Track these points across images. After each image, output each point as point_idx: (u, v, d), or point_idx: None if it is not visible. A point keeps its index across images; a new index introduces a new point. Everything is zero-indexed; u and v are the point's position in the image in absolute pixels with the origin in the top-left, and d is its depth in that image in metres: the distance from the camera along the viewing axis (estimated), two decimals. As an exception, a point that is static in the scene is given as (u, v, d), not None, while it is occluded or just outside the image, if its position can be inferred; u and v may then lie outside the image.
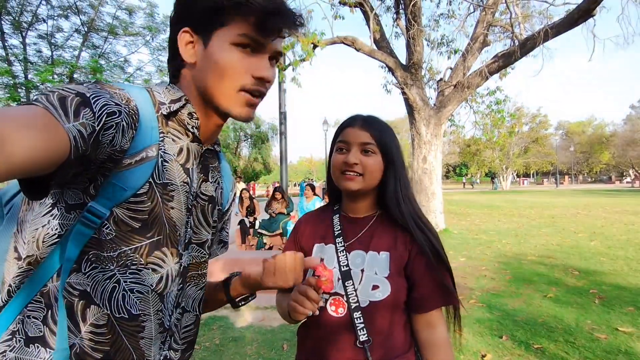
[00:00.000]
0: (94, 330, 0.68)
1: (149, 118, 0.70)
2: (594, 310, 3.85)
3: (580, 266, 5.66)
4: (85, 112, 0.55)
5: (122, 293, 0.69)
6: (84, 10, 12.74)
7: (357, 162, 1.03)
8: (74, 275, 0.67)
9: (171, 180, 0.73)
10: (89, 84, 0.62)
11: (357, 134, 1.06)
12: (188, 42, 0.74)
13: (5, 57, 11.54)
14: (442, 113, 9.32)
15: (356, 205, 1.12)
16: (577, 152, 55.49)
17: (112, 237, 0.67)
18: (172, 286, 0.77)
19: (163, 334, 0.78)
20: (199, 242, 0.84)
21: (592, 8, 6.72)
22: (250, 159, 30.97)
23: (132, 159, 0.67)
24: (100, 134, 0.58)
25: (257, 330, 3.63)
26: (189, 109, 0.76)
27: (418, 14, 8.68)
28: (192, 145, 0.78)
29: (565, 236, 8.49)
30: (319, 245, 1.12)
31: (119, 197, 0.66)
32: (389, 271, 1.01)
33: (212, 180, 0.85)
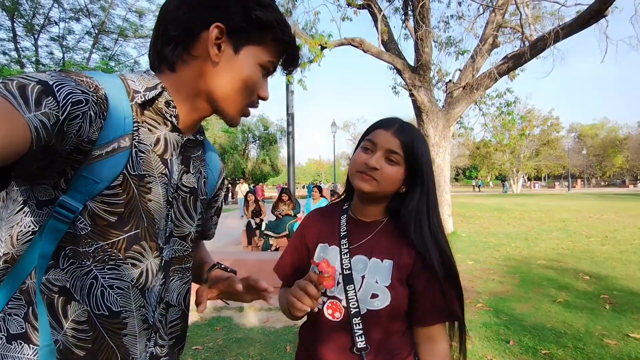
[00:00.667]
0: (75, 326, 0.67)
1: (120, 107, 0.67)
2: (604, 315, 3.76)
3: (591, 271, 5.54)
4: (48, 101, 0.53)
5: (100, 289, 0.68)
6: (94, 12, 12.95)
7: (377, 168, 0.97)
8: (52, 271, 0.65)
9: (148, 172, 0.71)
10: (52, 71, 0.59)
11: (387, 138, 0.99)
12: (217, 38, 0.72)
13: (18, 59, 11.75)
14: (451, 115, 9.23)
15: (366, 208, 1.07)
16: (590, 155, 54.65)
17: (88, 231, 0.65)
18: (154, 281, 0.75)
19: (147, 331, 0.76)
20: (181, 235, 0.82)
21: (604, 8, 6.61)
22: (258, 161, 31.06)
23: (103, 150, 0.64)
24: (65, 123, 0.56)
25: (260, 332, 3.61)
26: (166, 97, 0.74)
27: (427, 15, 8.62)
28: (171, 135, 0.76)
29: (576, 240, 8.34)
30: (322, 246, 1.09)
31: (91, 190, 0.64)
32: (391, 280, 0.97)
33: (193, 171, 0.83)
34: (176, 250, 0.81)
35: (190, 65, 0.74)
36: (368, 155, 1.00)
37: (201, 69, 0.74)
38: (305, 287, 0.88)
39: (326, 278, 0.88)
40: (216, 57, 0.72)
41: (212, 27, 0.70)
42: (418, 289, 0.98)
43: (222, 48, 0.73)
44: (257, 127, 30.24)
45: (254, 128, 30.18)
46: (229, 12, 0.71)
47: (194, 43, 0.72)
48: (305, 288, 0.88)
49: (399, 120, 1.04)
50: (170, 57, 0.74)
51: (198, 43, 0.72)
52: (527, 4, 8.73)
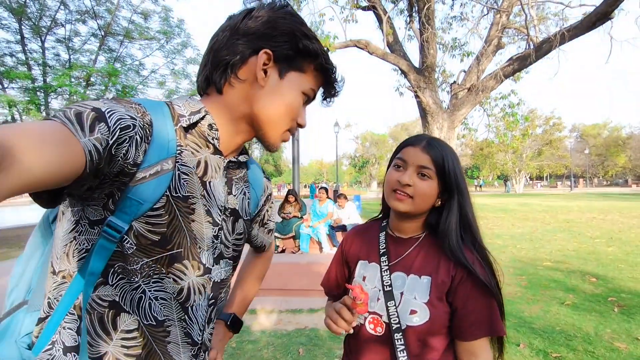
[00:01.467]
0: (125, 336, 0.71)
1: (165, 131, 0.70)
2: (613, 318, 3.78)
3: (598, 273, 5.56)
4: (101, 127, 0.57)
5: (148, 302, 0.72)
6: (100, 14, 13.00)
7: (410, 184, 1.00)
8: (102, 287, 0.69)
9: (192, 194, 0.74)
10: (105, 99, 0.64)
11: (417, 155, 1.03)
12: (265, 64, 0.76)
13: (25, 61, 11.81)
14: (456, 116, 9.25)
15: (403, 225, 1.10)
16: (593, 154, 54.48)
17: (134, 250, 0.69)
18: (198, 299, 0.78)
19: (192, 347, 0.79)
20: (230, 257, 0.86)
21: (610, 11, 6.62)
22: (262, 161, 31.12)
23: (147, 172, 0.67)
24: (114, 147, 0.59)
25: (272, 334, 3.65)
26: (209, 120, 0.77)
27: (431, 16, 8.64)
28: (212, 157, 0.79)
29: (581, 241, 8.35)
30: (362, 262, 1.12)
31: (136, 210, 0.67)
32: (429, 297, 0.98)
33: (235, 193, 0.86)
34: (226, 271, 0.85)
35: (237, 88, 0.78)
36: (400, 173, 1.03)
37: (247, 91, 0.78)
38: (340, 311, 0.94)
39: (359, 305, 0.92)
40: (263, 81, 0.76)
41: (261, 53, 0.75)
42: (459, 304, 0.99)
43: (268, 73, 0.77)
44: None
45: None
46: (277, 40, 0.76)
47: (243, 67, 0.76)
48: (340, 312, 0.94)
49: (426, 137, 1.07)
50: (219, 80, 0.78)
51: (246, 67, 0.76)
52: (532, 5, 8.74)
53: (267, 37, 0.76)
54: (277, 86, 0.77)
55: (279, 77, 0.77)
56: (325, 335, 3.55)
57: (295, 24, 0.77)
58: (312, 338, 3.54)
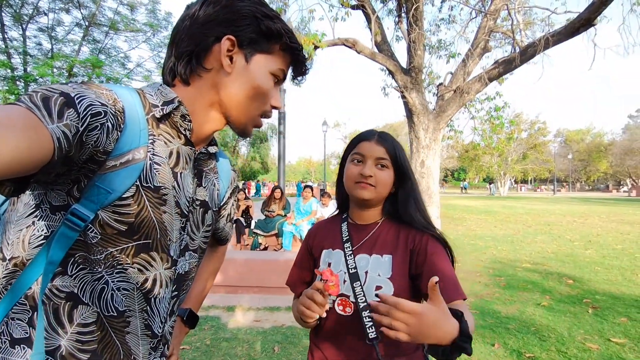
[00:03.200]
0: (81, 330, 0.68)
1: (136, 120, 0.68)
2: (586, 320, 3.84)
3: (574, 275, 5.66)
4: (70, 113, 0.54)
5: (110, 293, 0.69)
6: (85, 4, 12.69)
7: (372, 175, 1.10)
8: (59, 278, 0.66)
9: (163, 184, 0.72)
10: (74, 84, 0.60)
11: (373, 148, 1.13)
12: (229, 50, 0.74)
13: (5, 49, 11.47)
14: (442, 118, 9.31)
15: (363, 213, 1.18)
16: (576, 159, 55.63)
17: (98, 240, 0.66)
18: (163, 291, 0.76)
19: (152, 339, 0.77)
20: (194, 248, 0.84)
21: (593, 17, 6.73)
22: (249, 158, 30.90)
23: (117, 161, 0.65)
24: (84, 135, 0.57)
25: (248, 332, 3.61)
26: (182, 111, 0.75)
27: (420, 17, 8.68)
28: (183, 148, 0.77)
29: (560, 244, 8.51)
30: (326, 251, 1.19)
31: (103, 199, 0.65)
32: (392, 272, 1.06)
33: (205, 185, 0.85)
34: (190, 263, 0.83)
35: (204, 78, 0.77)
36: (360, 166, 1.13)
37: (215, 80, 0.77)
38: (312, 296, 0.97)
39: (331, 286, 0.95)
40: (229, 68, 0.75)
41: (224, 39, 0.74)
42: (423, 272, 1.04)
43: (234, 59, 0.76)
44: (247, 124, 30.10)
45: (244, 125, 30.03)
46: (239, 24, 0.74)
47: (207, 56, 0.75)
48: (312, 296, 0.97)
49: (376, 131, 1.19)
50: (184, 71, 0.76)
51: (211, 56, 0.75)
52: (519, 10, 8.84)
53: (228, 23, 0.74)
54: (244, 71, 0.76)
55: (245, 62, 0.76)
56: (302, 333, 3.52)
57: (255, 5, 0.76)
58: (289, 336, 3.51)
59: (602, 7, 6.43)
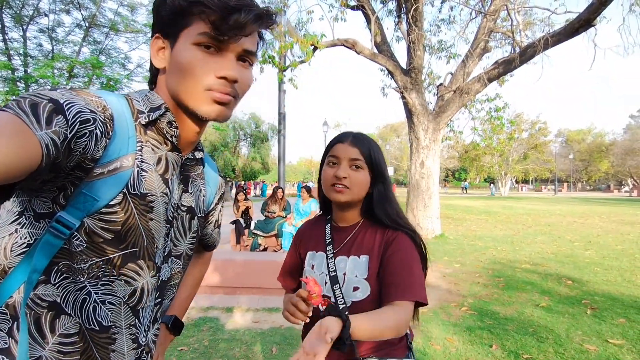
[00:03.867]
0: (63, 340, 0.66)
1: (125, 127, 0.68)
2: (585, 321, 3.84)
3: (574, 276, 5.65)
4: (59, 120, 0.54)
5: (92, 305, 0.67)
6: (85, 5, 12.71)
7: (346, 176, 1.12)
8: (42, 286, 0.65)
9: (150, 191, 0.71)
10: (63, 90, 0.60)
11: (347, 149, 1.14)
12: (160, 48, 0.73)
13: (6, 50, 11.50)
14: (441, 118, 9.31)
15: (344, 215, 1.21)
16: (577, 160, 55.54)
17: (83, 248, 0.65)
18: (148, 300, 0.75)
19: (137, 350, 0.75)
20: (177, 254, 0.83)
21: (593, 18, 6.73)
22: (249, 159, 30.92)
23: (105, 169, 0.64)
24: (73, 141, 0.56)
25: (247, 333, 3.61)
26: (169, 118, 0.74)
27: (419, 18, 8.68)
28: (170, 154, 0.76)
29: (560, 245, 8.49)
30: (311, 253, 1.22)
31: (90, 207, 0.64)
32: (368, 273, 1.09)
33: (192, 191, 0.84)
34: (172, 269, 0.82)
35: (159, 81, 0.77)
36: (335, 169, 1.14)
37: (163, 80, 0.75)
38: (297, 304, 1.00)
39: (314, 297, 0.98)
40: (161, 63, 0.73)
41: (152, 40, 0.74)
42: (387, 271, 1.07)
43: (165, 53, 0.73)
44: (248, 124, 30.09)
45: (245, 125, 30.03)
46: (159, 17, 0.72)
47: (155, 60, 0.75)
48: (297, 304, 1.00)
49: (352, 133, 1.20)
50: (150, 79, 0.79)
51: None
52: (519, 11, 8.84)
53: (155, 22, 0.74)
54: (172, 59, 0.71)
55: (171, 50, 0.71)
56: (300, 334, 3.52)
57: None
58: (287, 337, 3.51)
59: (602, 8, 6.43)
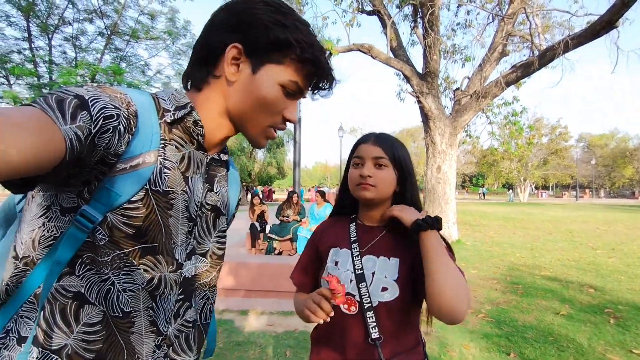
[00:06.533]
0: (87, 329, 0.68)
1: (149, 124, 0.69)
2: (608, 330, 3.72)
3: (596, 284, 5.48)
4: (83, 115, 0.55)
5: (117, 294, 0.70)
6: (107, 14, 13.10)
7: (370, 175, 1.13)
8: (67, 278, 0.67)
9: (172, 189, 0.72)
10: (89, 87, 0.62)
11: (370, 149, 1.16)
12: (235, 58, 0.74)
13: (32, 58, 11.92)
14: (458, 122, 9.21)
15: (371, 214, 1.20)
16: (599, 165, 54.07)
17: (105, 242, 0.67)
18: (168, 292, 0.76)
19: (157, 336, 0.77)
20: (202, 252, 0.84)
21: (615, 19, 6.57)
22: (265, 164, 31.10)
23: (127, 164, 0.66)
24: (97, 137, 0.58)
25: (261, 336, 3.62)
26: (194, 117, 0.75)
27: (435, 22, 8.63)
28: (196, 153, 0.77)
29: (582, 252, 8.26)
30: (334, 250, 1.20)
31: (112, 202, 0.65)
32: (398, 274, 1.08)
33: (217, 190, 0.84)
34: (197, 268, 0.83)
35: (212, 85, 0.77)
36: (360, 169, 1.16)
37: (222, 88, 0.76)
38: (320, 303, 0.99)
39: (337, 296, 0.97)
40: (233, 77, 0.74)
41: (230, 47, 0.73)
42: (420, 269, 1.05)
43: (240, 68, 0.74)
44: (264, 129, 30.28)
45: (261, 131, 30.22)
46: (249, 32, 0.73)
47: (217, 64, 0.75)
48: (319, 303, 0.99)
49: (374, 133, 1.22)
50: (196, 77, 0.78)
51: (220, 64, 0.75)
52: (537, 14, 8.71)
53: (237, 30, 0.73)
54: (249, 80, 0.74)
55: (251, 71, 0.74)
56: (314, 339, 3.51)
57: (268, 12, 0.73)
58: (301, 341, 3.50)
59: (624, 9, 6.27)
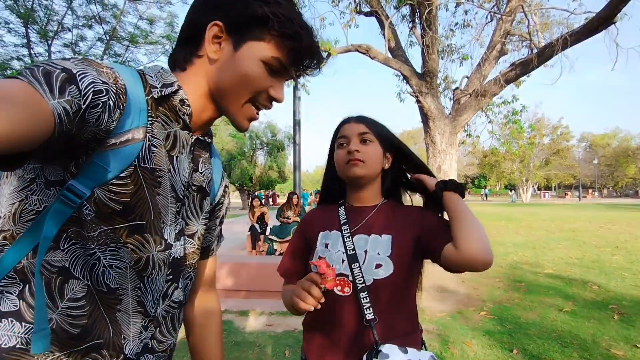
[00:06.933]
0: (71, 305, 0.67)
1: (137, 99, 0.68)
2: (612, 325, 3.66)
3: (600, 281, 5.42)
4: (71, 89, 0.54)
5: (102, 269, 0.68)
6: (106, 19, 13.11)
7: (358, 150, 1.12)
8: (51, 252, 0.65)
9: (159, 166, 0.71)
10: (75, 59, 0.60)
11: (353, 127, 1.16)
12: (215, 36, 0.73)
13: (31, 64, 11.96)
14: (458, 122, 9.17)
15: (361, 195, 1.19)
16: (602, 165, 53.89)
17: (92, 217, 0.65)
18: (155, 273, 0.75)
19: (144, 318, 0.75)
20: (190, 234, 0.84)
21: (613, 15, 6.54)
22: (266, 167, 31.06)
23: (117, 139, 0.65)
24: (87, 112, 0.56)
25: (260, 336, 3.58)
26: (181, 95, 0.75)
27: (433, 22, 8.62)
28: (181, 132, 0.77)
29: (585, 250, 8.19)
30: (323, 233, 1.17)
31: (101, 177, 0.64)
32: (391, 250, 1.06)
33: (201, 171, 0.84)
34: (186, 248, 0.83)
35: (195, 64, 0.76)
36: (346, 148, 1.15)
37: (205, 67, 0.76)
38: (309, 289, 0.93)
39: (327, 280, 0.92)
40: (214, 54, 0.74)
41: (210, 25, 0.72)
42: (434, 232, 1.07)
43: (222, 46, 0.74)
44: (265, 133, 30.27)
45: (261, 134, 30.22)
46: (229, 9, 0.72)
47: (199, 43, 0.75)
48: (308, 289, 0.93)
49: (356, 114, 1.23)
50: (180, 57, 0.77)
51: (203, 43, 0.74)
52: (535, 12, 8.69)
53: (218, 8, 0.73)
54: (231, 58, 0.73)
55: (232, 49, 0.73)
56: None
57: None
58: (300, 340, 3.45)
59: (622, 4, 6.25)
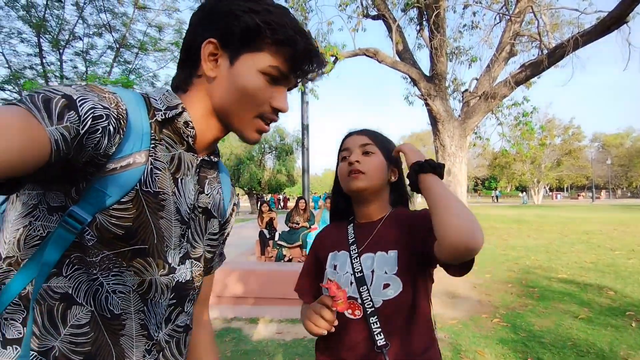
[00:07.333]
0: (74, 331, 0.66)
1: (139, 123, 0.68)
2: (630, 333, 3.56)
3: (616, 286, 5.29)
4: (70, 115, 0.54)
5: (105, 295, 0.68)
6: (116, 28, 13.30)
7: (358, 160, 1.10)
8: (54, 279, 0.65)
9: (163, 189, 0.70)
10: (77, 85, 0.60)
11: (355, 138, 1.15)
12: (211, 54, 0.72)
13: (43, 73, 12.16)
14: (467, 124, 9.08)
15: (366, 209, 1.15)
16: (615, 165, 52.93)
17: (94, 242, 0.65)
18: (159, 297, 0.74)
19: (147, 341, 0.74)
20: (196, 257, 0.82)
21: (625, 14, 6.43)
22: (274, 171, 31.15)
23: (117, 164, 0.64)
24: (85, 137, 0.56)
25: (269, 344, 3.56)
26: (185, 118, 0.74)
27: (441, 24, 8.57)
28: (186, 154, 0.76)
29: (600, 254, 8.02)
30: (332, 254, 1.16)
31: (102, 202, 0.63)
32: (398, 267, 1.03)
33: (208, 192, 0.83)
34: (192, 272, 0.81)
35: (196, 85, 0.76)
36: (347, 160, 1.13)
37: (205, 87, 0.75)
38: (320, 312, 0.94)
39: (338, 303, 0.91)
40: (212, 72, 0.73)
41: (205, 43, 0.72)
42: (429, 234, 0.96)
43: (219, 62, 0.73)
44: (273, 138, 30.36)
45: (270, 139, 30.30)
46: (221, 25, 0.72)
47: (197, 63, 0.74)
48: (320, 312, 0.94)
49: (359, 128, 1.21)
50: (181, 79, 0.77)
51: (200, 62, 0.73)
52: (545, 12, 8.59)
53: (211, 25, 0.72)
54: (228, 74, 0.72)
55: (229, 64, 0.73)
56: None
57: (239, 2, 0.71)
58: (310, 348, 3.43)
59: (635, 3, 6.13)
